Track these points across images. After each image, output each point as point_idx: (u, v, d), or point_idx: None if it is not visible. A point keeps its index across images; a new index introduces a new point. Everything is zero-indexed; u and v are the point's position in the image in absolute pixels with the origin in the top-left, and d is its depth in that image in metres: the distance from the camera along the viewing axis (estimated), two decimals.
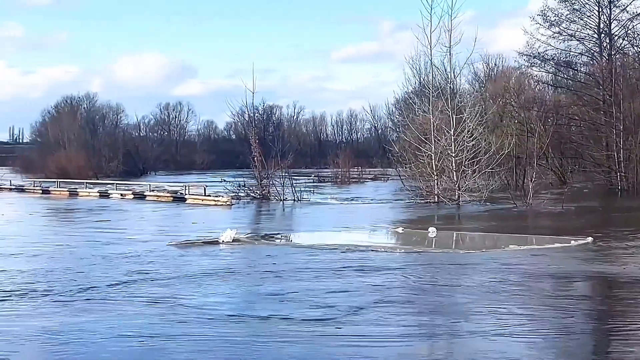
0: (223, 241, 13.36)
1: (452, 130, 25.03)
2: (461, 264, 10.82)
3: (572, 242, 13.06)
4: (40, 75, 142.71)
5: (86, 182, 37.19)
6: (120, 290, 8.66)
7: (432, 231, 15.19)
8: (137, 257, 11.54)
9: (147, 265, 10.61)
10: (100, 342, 6.31)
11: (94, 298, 8.20)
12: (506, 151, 25.88)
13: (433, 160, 25.27)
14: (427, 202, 24.56)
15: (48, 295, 8.38)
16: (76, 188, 34.68)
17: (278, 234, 15.95)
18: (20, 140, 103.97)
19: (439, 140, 25.41)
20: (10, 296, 8.31)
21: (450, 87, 25.84)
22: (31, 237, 15.29)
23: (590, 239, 13.35)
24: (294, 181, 28.64)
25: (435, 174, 25.17)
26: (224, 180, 33.70)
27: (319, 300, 7.95)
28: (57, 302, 8.03)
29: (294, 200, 26.20)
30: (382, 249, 12.55)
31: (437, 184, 25.16)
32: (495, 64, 43.17)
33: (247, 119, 32.78)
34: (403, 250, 12.65)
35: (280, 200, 26.37)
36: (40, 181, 40.02)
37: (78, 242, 14.09)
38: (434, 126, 25.43)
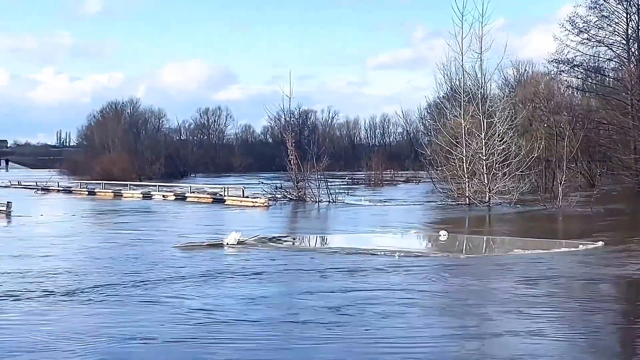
0: (227, 244, 13.30)
1: (483, 134, 25.67)
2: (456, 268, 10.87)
3: (581, 246, 12.85)
4: (87, 81, 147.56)
5: (130, 184, 38.53)
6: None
7: (442, 234, 15.27)
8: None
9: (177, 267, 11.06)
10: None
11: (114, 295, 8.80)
12: (536, 154, 26.37)
13: (464, 163, 25.95)
14: (458, 204, 25.20)
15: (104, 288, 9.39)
16: (120, 189, 36.03)
17: (287, 236, 15.79)
18: (67, 144, 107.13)
19: (470, 143, 26.08)
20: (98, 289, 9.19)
21: (481, 92, 26.44)
22: (88, 234, 16.40)
23: (600, 243, 13.14)
24: (328, 183, 29.51)
25: (466, 176, 25.83)
26: (262, 183, 34.71)
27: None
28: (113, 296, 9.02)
29: (329, 202, 27.00)
30: (383, 253, 12.11)
31: (468, 186, 25.79)
32: (525, 70, 43.73)
33: (283, 123, 33.91)
34: (403, 254, 12.03)
35: (316, 201, 27.17)
36: (86, 183, 41.63)
37: (123, 241, 15.06)
38: (465, 130, 26.10)
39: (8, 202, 22.89)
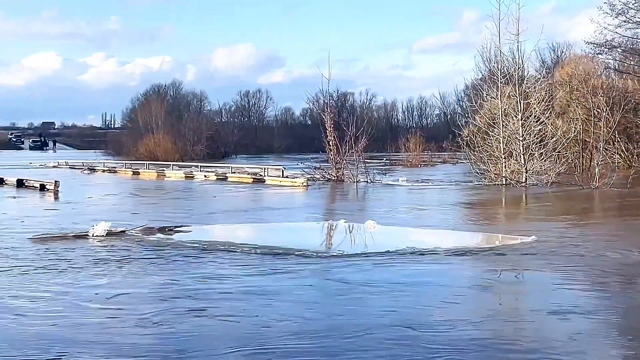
0: (93, 235, 11.70)
1: (520, 114, 25.92)
2: None
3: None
4: (135, 65, 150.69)
5: (172, 165, 39.49)
6: None
7: (370, 224, 13.31)
8: None
9: None
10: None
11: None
12: (572, 135, 26.54)
13: (501, 144, 26.23)
14: (495, 184, 25.53)
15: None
16: (163, 169, 36.96)
17: (182, 226, 13.42)
18: (112, 126, 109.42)
19: (506, 124, 26.37)
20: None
21: (517, 73, 26.63)
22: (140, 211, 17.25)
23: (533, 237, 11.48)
24: (366, 164, 29.97)
25: (503, 157, 26.14)
26: (301, 163, 35.36)
27: None
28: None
29: (367, 182, 27.45)
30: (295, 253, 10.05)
31: (505, 166, 26.11)
32: (562, 52, 43.50)
33: (322, 105, 34.47)
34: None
35: (354, 182, 27.67)
36: (130, 163, 42.70)
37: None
38: (502, 111, 26.36)
39: (56, 181, 23.92)
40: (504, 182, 25.58)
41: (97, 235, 11.64)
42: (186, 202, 20.93)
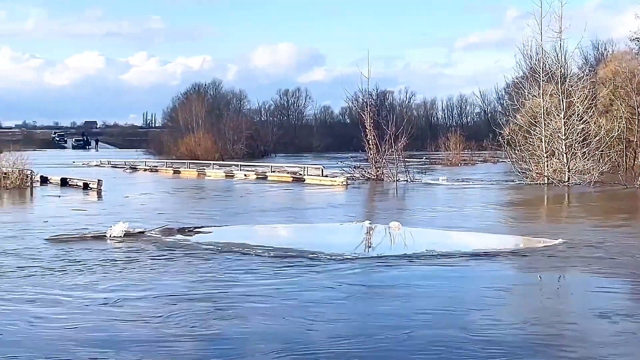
0: (111, 236, 11.63)
1: (562, 113, 25.61)
2: None
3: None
4: (177, 64, 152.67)
5: (212, 163, 39.84)
6: None
7: (395, 226, 13.09)
8: None
9: None
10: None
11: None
12: (616, 134, 26.12)
13: (543, 143, 25.96)
14: (536, 184, 25.27)
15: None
16: (204, 168, 37.36)
17: (202, 227, 13.25)
18: (153, 125, 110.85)
19: (548, 123, 26.07)
20: None
21: (560, 71, 26.30)
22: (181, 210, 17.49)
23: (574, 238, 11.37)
24: (406, 163, 29.89)
25: (545, 156, 25.86)
26: (340, 162, 35.40)
27: None
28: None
29: (407, 181, 27.40)
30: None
31: (547, 166, 25.83)
32: (606, 49, 42.71)
33: (361, 103, 34.49)
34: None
35: (394, 181, 27.60)
36: (171, 162, 43.26)
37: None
38: (544, 110, 26.07)
39: (99, 180, 24.37)
40: (545, 182, 25.31)
41: (114, 237, 11.56)
42: (225, 201, 21.18)
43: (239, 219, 15.50)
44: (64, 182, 26.35)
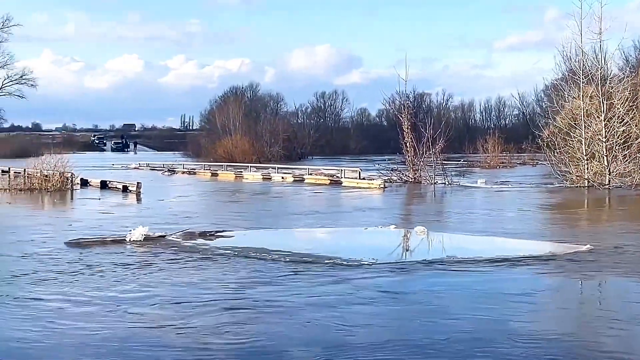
0: (131, 240, 11.58)
1: (603, 115, 25.29)
2: None
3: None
4: (215, 67, 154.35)
5: (250, 166, 40.18)
6: None
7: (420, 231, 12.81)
8: None
9: None
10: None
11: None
12: None
13: (583, 145, 25.66)
14: (576, 187, 24.98)
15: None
16: (241, 171, 37.66)
17: (223, 231, 13.16)
18: (191, 127, 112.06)
19: (589, 125, 25.75)
20: None
21: (600, 73, 25.96)
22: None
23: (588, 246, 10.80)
24: (444, 165, 29.75)
25: (585, 158, 25.55)
26: (377, 164, 35.37)
27: None
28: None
29: (445, 184, 27.29)
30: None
31: (587, 168, 25.51)
32: None
33: (398, 106, 34.43)
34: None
35: (431, 183, 27.49)
36: (209, 165, 43.66)
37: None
38: (584, 112, 25.75)
39: (138, 183, 24.73)
40: (586, 185, 25.01)
41: (134, 241, 11.49)
42: (261, 204, 21.34)
43: (272, 222, 15.58)
44: (103, 185, 26.82)
